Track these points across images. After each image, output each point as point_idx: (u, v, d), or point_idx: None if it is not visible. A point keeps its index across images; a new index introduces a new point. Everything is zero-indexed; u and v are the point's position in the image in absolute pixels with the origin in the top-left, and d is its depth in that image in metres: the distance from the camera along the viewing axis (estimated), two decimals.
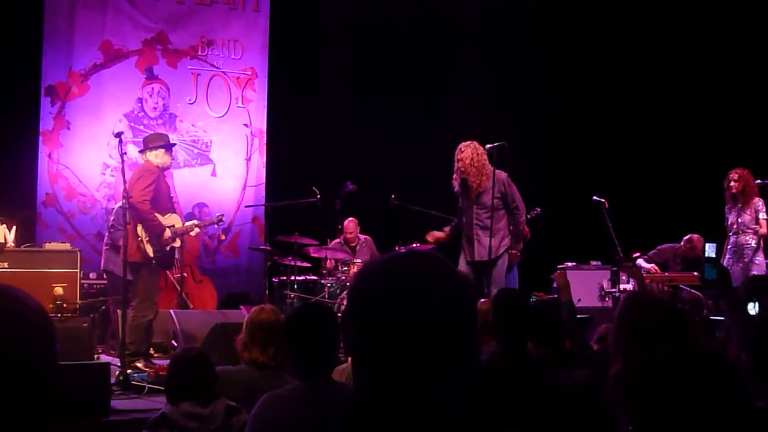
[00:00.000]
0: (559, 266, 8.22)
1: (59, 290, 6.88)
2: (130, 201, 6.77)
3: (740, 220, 8.18)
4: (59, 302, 6.75)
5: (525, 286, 7.71)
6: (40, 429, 1.30)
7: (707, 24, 10.69)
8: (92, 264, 9.02)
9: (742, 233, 8.17)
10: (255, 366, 3.77)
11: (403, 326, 1.29)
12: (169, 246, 7.16)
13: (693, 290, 8.51)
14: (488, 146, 7.43)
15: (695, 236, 8.80)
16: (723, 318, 4.82)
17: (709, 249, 3.85)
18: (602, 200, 8.63)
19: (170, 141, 7.56)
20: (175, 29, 10.76)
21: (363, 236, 9.97)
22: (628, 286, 8.85)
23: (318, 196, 8.99)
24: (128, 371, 6.35)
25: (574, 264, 9.36)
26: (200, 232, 9.73)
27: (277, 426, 2.87)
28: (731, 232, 8.26)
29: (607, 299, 9.21)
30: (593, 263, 9.54)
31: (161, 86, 10.69)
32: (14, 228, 7.44)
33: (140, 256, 6.93)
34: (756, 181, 8.14)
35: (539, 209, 8.81)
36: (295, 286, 8.91)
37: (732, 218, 8.26)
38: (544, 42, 11.19)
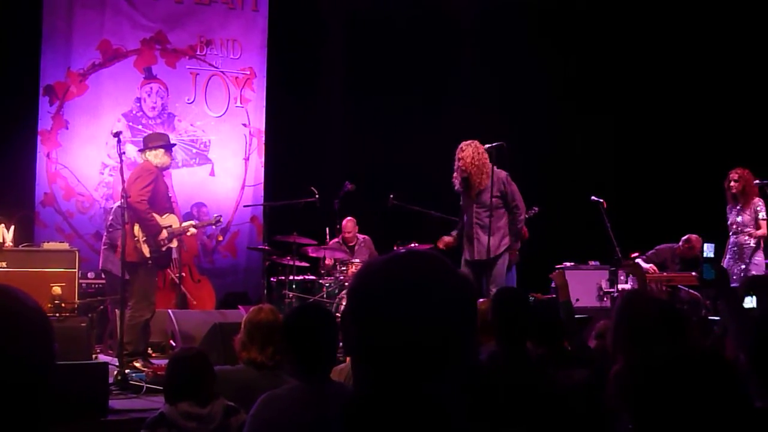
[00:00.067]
0: (558, 266, 8.22)
1: (57, 290, 6.86)
2: (128, 201, 6.77)
3: (739, 220, 8.18)
4: (57, 302, 6.75)
5: (523, 286, 7.69)
6: (40, 429, 1.30)
7: (707, 24, 10.69)
8: (90, 264, 9.02)
9: (742, 233, 8.18)
10: (253, 366, 3.77)
11: (403, 326, 1.29)
12: (166, 246, 7.16)
13: (691, 290, 8.52)
14: (487, 146, 7.44)
15: (694, 236, 8.81)
16: (721, 318, 4.82)
17: (708, 249, 3.84)
18: (600, 200, 8.64)
19: (170, 141, 7.56)
20: (174, 29, 10.75)
21: (362, 236, 9.97)
22: (627, 286, 8.84)
23: (316, 196, 8.99)
24: (126, 371, 6.35)
25: (573, 264, 9.35)
26: (198, 232, 9.72)
27: (276, 426, 2.87)
28: (731, 232, 8.27)
29: (606, 299, 9.20)
30: (591, 263, 9.54)
31: (160, 86, 10.69)
32: (12, 227, 7.42)
33: (137, 256, 6.93)
34: (755, 182, 8.14)
35: (537, 209, 8.81)
36: (294, 286, 8.90)
37: (732, 218, 8.27)
38: (544, 42, 11.19)
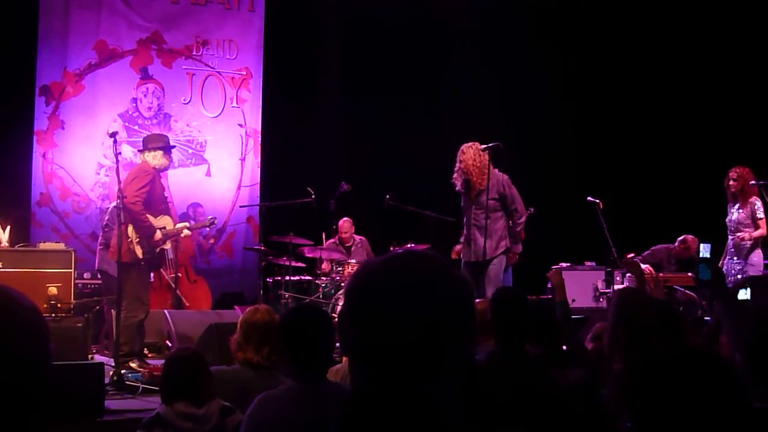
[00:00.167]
0: (554, 267, 8.22)
1: (53, 290, 6.86)
2: (124, 201, 6.75)
3: (736, 218, 8.20)
4: (53, 302, 6.74)
5: (519, 287, 7.69)
6: (36, 430, 1.29)
7: (707, 24, 10.70)
8: (86, 264, 9.00)
9: (738, 231, 8.19)
10: (249, 366, 3.77)
11: (400, 326, 1.28)
12: (159, 248, 7.15)
13: (687, 291, 8.54)
14: (483, 146, 7.43)
15: (689, 237, 8.82)
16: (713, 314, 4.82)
17: (704, 250, 3.85)
18: (597, 201, 8.64)
19: (170, 143, 7.53)
20: (170, 29, 10.74)
21: (358, 237, 9.96)
22: (622, 287, 8.85)
23: (313, 197, 8.98)
24: (122, 371, 6.34)
25: (569, 264, 9.36)
26: (194, 233, 9.72)
27: (272, 426, 2.86)
28: (729, 230, 8.28)
29: (602, 300, 9.22)
30: (588, 264, 9.55)
31: (156, 86, 10.67)
32: (8, 228, 7.42)
33: (129, 257, 6.90)
34: (751, 182, 8.15)
35: (532, 209, 8.82)
36: (290, 287, 8.90)
37: (730, 216, 8.29)
38: (543, 42, 11.19)
